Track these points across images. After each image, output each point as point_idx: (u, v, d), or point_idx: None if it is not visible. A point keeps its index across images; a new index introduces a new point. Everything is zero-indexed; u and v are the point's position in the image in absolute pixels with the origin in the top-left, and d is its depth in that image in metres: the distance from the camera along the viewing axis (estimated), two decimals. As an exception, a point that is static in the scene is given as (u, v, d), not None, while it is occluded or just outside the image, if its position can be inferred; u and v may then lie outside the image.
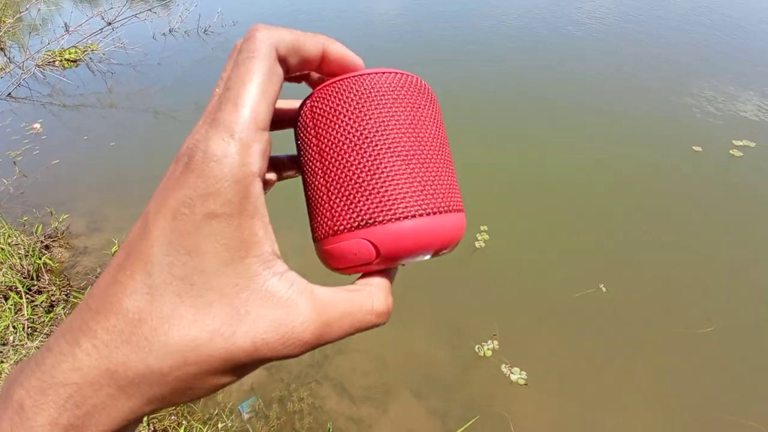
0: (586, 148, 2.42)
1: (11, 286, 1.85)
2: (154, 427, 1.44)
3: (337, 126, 0.19)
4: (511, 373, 1.51)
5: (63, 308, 1.83)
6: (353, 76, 0.19)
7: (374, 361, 1.65)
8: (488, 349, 1.58)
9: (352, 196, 0.18)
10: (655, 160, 2.31)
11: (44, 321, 1.77)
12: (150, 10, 4.88)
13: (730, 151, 2.28)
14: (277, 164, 0.24)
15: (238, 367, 0.16)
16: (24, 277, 1.90)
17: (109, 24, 4.60)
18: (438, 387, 1.54)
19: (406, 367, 1.61)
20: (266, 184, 0.21)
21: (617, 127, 2.58)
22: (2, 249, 1.95)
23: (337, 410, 1.49)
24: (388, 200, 0.18)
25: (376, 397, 1.53)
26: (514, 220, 2.07)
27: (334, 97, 0.19)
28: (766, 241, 1.91)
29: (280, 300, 0.16)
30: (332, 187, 0.19)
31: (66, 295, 1.91)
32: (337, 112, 0.19)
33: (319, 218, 0.19)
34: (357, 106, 0.18)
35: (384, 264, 0.19)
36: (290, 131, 0.22)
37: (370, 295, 0.19)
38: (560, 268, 1.85)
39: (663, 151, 2.35)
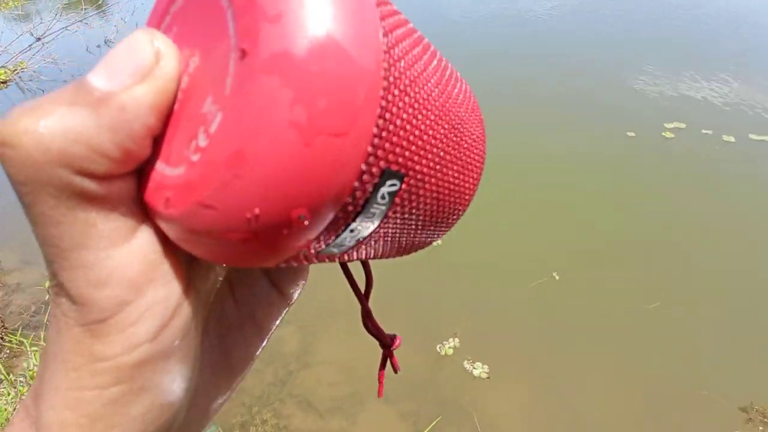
0: (524, 140, 2.48)
1: (-66, 335, 1.67)
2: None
3: None
4: (474, 368, 1.53)
5: (-4, 353, 1.68)
6: None
7: (341, 371, 1.62)
8: (449, 347, 1.59)
9: None
10: (592, 147, 2.40)
11: (-25, 370, 1.61)
12: (82, 21, 4.58)
13: (663, 134, 2.41)
14: None
15: None
16: (-51, 324, 1.73)
17: (39, 39, 4.29)
18: (407, 390, 1.53)
19: (374, 374, 1.59)
20: None
21: (553, 116, 2.65)
22: None
23: (303, 427, 1.46)
24: None
25: (345, 408, 1.51)
26: (467, 215, 2.09)
27: None
28: (702, 217, 2.04)
29: None
30: None
31: (0, 338, 1.76)
32: None
33: None
34: None
35: None
36: None
37: None
38: (514, 260, 1.90)
39: (599, 139, 2.45)
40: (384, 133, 0.11)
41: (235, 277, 0.19)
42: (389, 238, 0.15)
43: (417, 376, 1.57)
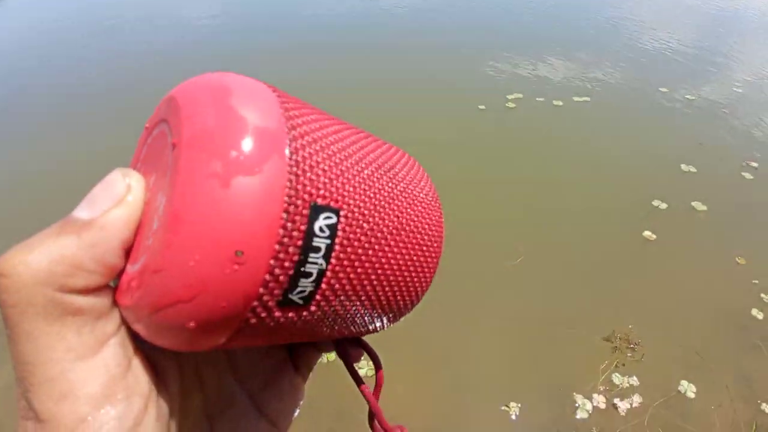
0: (392, 122, 2.50)
1: None
2: None
3: None
4: (359, 368, 1.39)
5: None
6: None
7: None
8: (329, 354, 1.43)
9: None
10: (450, 121, 2.55)
11: None
12: None
13: (506, 105, 2.66)
14: None
15: None
16: None
17: None
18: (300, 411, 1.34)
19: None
20: None
21: (413, 96, 2.77)
22: None
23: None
24: None
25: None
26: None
27: None
28: (546, 171, 2.24)
29: None
30: None
31: None
32: None
33: None
34: None
35: None
36: None
37: None
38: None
39: (456, 113, 2.62)
40: (299, 171, 0.13)
41: (216, 410, 0.19)
42: (361, 287, 0.15)
43: (311, 392, 1.38)
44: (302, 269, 0.13)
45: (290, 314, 0.14)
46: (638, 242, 1.85)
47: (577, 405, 1.34)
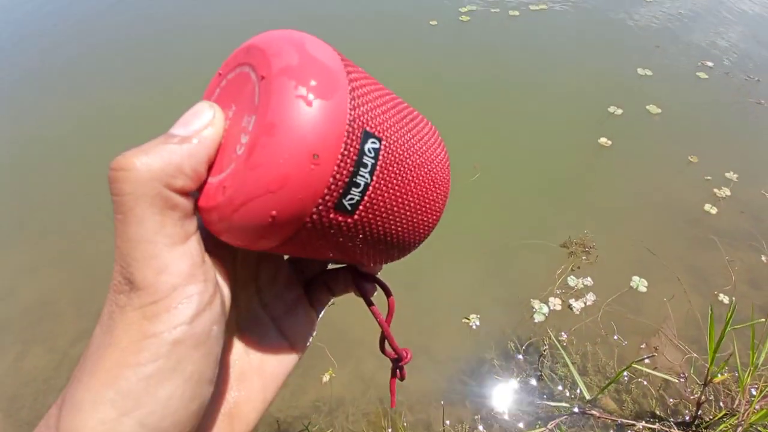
0: (333, 40, 2.32)
1: None
2: None
3: None
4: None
5: None
6: None
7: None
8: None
9: None
10: (403, 38, 2.39)
11: None
12: None
13: (460, 18, 2.49)
14: None
15: None
16: None
17: None
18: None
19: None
20: None
21: (362, 15, 2.60)
22: None
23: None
24: None
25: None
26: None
27: None
28: (503, 82, 2.14)
29: None
30: None
31: None
32: None
33: None
34: None
35: None
36: None
37: None
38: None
39: (406, 30, 2.45)
40: (355, 104, 0.18)
41: (246, 324, 0.24)
42: (391, 206, 0.20)
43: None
44: (354, 179, 0.17)
45: (339, 218, 0.18)
46: (594, 149, 1.82)
47: (534, 309, 1.35)
